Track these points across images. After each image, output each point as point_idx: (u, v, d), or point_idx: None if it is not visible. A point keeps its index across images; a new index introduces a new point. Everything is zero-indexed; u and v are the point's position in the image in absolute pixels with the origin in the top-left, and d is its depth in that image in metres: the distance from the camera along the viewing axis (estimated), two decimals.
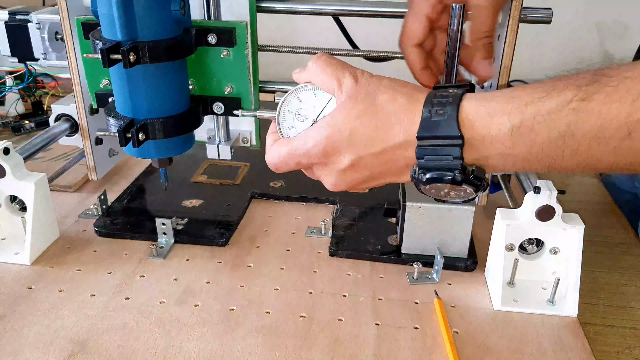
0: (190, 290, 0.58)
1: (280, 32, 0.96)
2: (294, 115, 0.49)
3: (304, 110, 0.48)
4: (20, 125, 0.98)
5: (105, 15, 0.51)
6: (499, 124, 0.39)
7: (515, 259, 0.58)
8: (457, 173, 0.41)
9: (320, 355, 0.50)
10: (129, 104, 0.55)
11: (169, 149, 0.60)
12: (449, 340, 0.51)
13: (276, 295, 0.58)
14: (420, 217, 0.61)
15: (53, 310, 0.55)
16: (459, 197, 0.43)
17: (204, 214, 0.71)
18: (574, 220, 0.56)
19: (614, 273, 0.63)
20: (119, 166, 0.84)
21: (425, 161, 0.41)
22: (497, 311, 0.56)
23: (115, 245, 0.66)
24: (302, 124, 0.49)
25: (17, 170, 0.62)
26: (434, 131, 0.40)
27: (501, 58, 0.59)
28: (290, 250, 0.66)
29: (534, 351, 0.51)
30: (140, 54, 0.51)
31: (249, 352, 0.50)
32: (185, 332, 0.53)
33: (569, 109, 0.37)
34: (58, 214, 0.69)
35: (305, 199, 0.76)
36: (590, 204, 0.78)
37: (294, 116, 0.49)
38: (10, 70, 0.97)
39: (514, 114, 0.39)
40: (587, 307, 0.57)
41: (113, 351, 0.50)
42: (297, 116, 0.49)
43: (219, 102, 0.62)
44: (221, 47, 0.59)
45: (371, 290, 0.59)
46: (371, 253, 0.64)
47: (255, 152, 0.72)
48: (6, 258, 0.62)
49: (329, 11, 0.63)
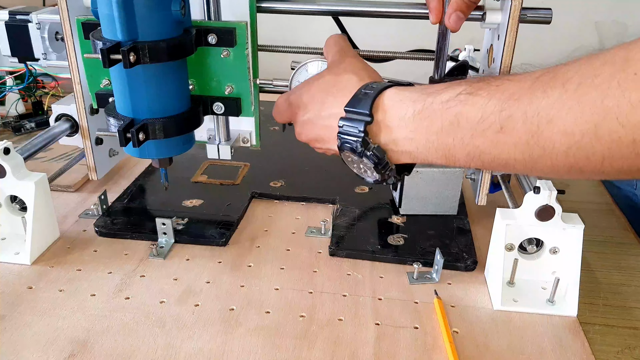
0: (191, 290, 0.58)
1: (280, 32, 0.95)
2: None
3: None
4: (20, 125, 0.98)
5: (105, 16, 0.51)
6: (405, 109, 0.45)
7: (515, 258, 0.58)
8: (358, 144, 0.46)
9: (320, 355, 0.50)
10: (129, 104, 0.55)
11: (169, 149, 0.60)
12: (448, 340, 0.51)
13: (276, 295, 0.58)
14: (418, 181, 0.68)
15: (53, 310, 0.55)
16: (368, 176, 0.49)
17: (204, 214, 0.71)
18: (574, 220, 0.56)
19: (614, 273, 0.63)
20: (119, 166, 0.84)
21: (343, 128, 0.48)
22: (497, 311, 0.56)
23: (116, 245, 0.66)
24: None
25: (17, 170, 0.62)
26: (355, 106, 0.47)
27: (501, 58, 0.59)
28: (290, 250, 0.66)
29: (534, 351, 0.51)
30: (141, 54, 0.51)
31: (249, 351, 0.50)
32: (185, 332, 0.53)
33: (457, 100, 0.42)
34: (58, 214, 0.69)
35: (305, 199, 0.76)
36: (590, 203, 0.78)
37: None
38: (10, 70, 0.97)
39: (418, 102, 0.44)
40: (587, 307, 0.57)
41: (113, 351, 0.50)
42: None
43: (219, 102, 0.62)
44: (221, 47, 0.59)
45: (371, 290, 0.59)
46: (371, 253, 0.64)
47: (255, 152, 0.72)
48: (6, 258, 0.62)
49: (329, 11, 0.63)
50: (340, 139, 0.48)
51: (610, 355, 0.51)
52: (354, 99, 0.48)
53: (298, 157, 0.87)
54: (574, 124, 0.35)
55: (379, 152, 0.47)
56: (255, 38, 0.62)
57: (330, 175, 0.81)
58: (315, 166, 0.83)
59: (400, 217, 0.71)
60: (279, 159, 0.86)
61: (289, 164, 0.85)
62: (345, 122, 0.47)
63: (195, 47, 0.57)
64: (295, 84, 0.58)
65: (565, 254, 0.57)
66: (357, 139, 0.46)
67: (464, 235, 0.67)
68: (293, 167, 0.83)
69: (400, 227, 0.69)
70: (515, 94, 0.39)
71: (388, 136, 0.46)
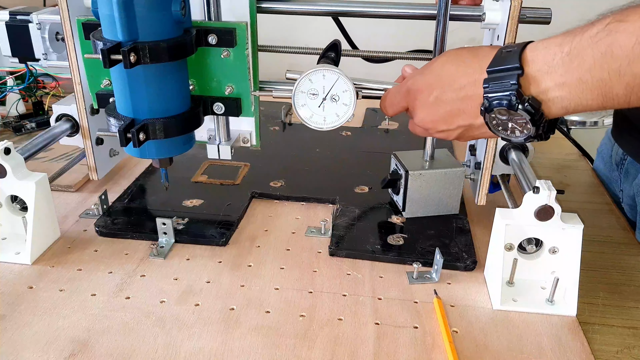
0: (191, 290, 0.59)
1: (280, 32, 0.96)
2: (306, 94, 0.58)
3: (315, 90, 0.57)
4: (21, 125, 0.98)
5: (106, 16, 0.51)
6: (553, 54, 0.44)
7: (514, 258, 0.58)
8: (512, 97, 0.45)
9: (320, 355, 0.50)
10: (129, 104, 0.55)
11: (169, 149, 0.60)
12: (448, 340, 0.51)
13: (276, 294, 0.58)
14: (421, 183, 0.69)
15: (54, 310, 0.55)
16: (522, 134, 0.48)
17: (204, 213, 0.72)
18: (573, 219, 0.56)
19: (613, 273, 0.63)
20: (120, 166, 0.84)
21: (489, 88, 0.47)
22: (497, 311, 0.56)
23: (116, 245, 0.66)
24: (313, 102, 0.58)
25: (18, 170, 0.62)
26: (500, 64, 0.47)
27: None
28: (290, 250, 0.66)
29: (533, 350, 0.51)
30: (141, 54, 0.51)
31: (249, 351, 0.51)
32: (185, 332, 0.53)
33: (606, 31, 0.41)
34: (59, 214, 0.69)
35: (305, 199, 0.76)
36: (590, 203, 0.78)
37: (306, 95, 0.58)
38: (11, 70, 0.97)
39: (565, 44, 0.44)
40: (586, 306, 0.57)
41: (113, 351, 0.50)
42: (309, 95, 0.58)
43: (219, 102, 0.62)
44: (221, 47, 0.59)
45: (371, 290, 0.59)
46: (371, 253, 0.64)
47: (255, 152, 0.72)
48: (7, 258, 0.62)
49: (329, 11, 0.63)
50: (487, 100, 0.47)
51: (610, 354, 0.52)
52: (497, 58, 0.47)
53: (298, 157, 0.87)
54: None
55: (534, 102, 0.45)
56: (255, 38, 0.62)
57: (330, 175, 0.81)
58: (315, 166, 0.84)
59: (400, 217, 0.71)
60: (279, 159, 0.86)
61: (289, 164, 0.85)
62: (491, 82, 0.47)
63: (195, 47, 0.57)
64: (299, 95, 0.58)
65: (565, 253, 0.57)
66: (510, 93, 0.46)
67: (463, 235, 0.67)
68: (293, 167, 0.83)
69: (400, 227, 0.69)
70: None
71: (537, 87, 0.45)
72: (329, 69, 0.57)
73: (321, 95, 0.58)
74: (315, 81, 0.57)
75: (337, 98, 0.57)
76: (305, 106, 0.58)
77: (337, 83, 0.57)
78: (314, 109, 0.58)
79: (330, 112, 0.58)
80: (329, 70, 0.57)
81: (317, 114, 0.58)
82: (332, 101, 0.58)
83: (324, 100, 0.58)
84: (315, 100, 0.58)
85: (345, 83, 0.57)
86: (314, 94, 0.57)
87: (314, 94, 0.57)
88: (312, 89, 0.57)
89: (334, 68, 0.57)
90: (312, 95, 0.58)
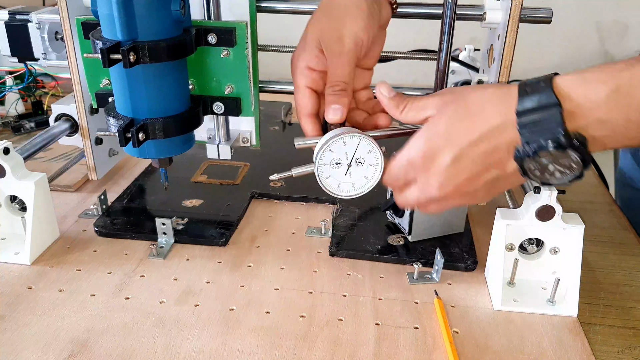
0: (190, 290, 0.58)
1: (280, 32, 0.95)
2: (329, 166, 0.53)
3: (337, 159, 0.53)
4: (20, 125, 0.98)
5: (105, 15, 0.51)
6: (596, 90, 0.40)
7: (515, 258, 0.58)
8: (560, 136, 0.41)
9: (320, 355, 0.50)
10: (129, 103, 0.55)
11: (169, 149, 0.60)
12: (449, 340, 0.51)
13: (276, 295, 0.58)
14: None
15: (53, 310, 0.55)
16: (565, 175, 0.43)
17: (204, 214, 0.71)
18: (574, 220, 0.56)
19: (614, 273, 0.63)
20: (119, 166, 0.84)
21: (528, 133, 0.42)
22: (497, 311, 0.56)
23: (115, 245, 0.66)
24: (337, 171, 0.53)
25: (17, 170, 0.62)
26: (532, 104, 0.42)
27: (501, 58, 0.59)
28: (290, 250, 0.66)
29: (534, 351, 0.51)
30: (140, 53, 0.51)
31: (249, 351, 0.50)
32: (185, 332, 0.53)
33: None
34: (58, 214, 0.69)
35: (305, 199, 0.76)
36: (590, 203, 0.78)
37: (329, 167, 0.53)
38: (10, 70, 0.97)
39: (610, 80, 0.40)
40: (587, 307, 0.57)
41: (113, 351, 0.50)
42: (333, 165, 0.53)
43: (219, 102, 0.62)
44: (221, 47, 0.59)
45: (371, 290, 0.59)
46: (371, 253, 0.64)
47: (255, 152, 0.72)
48: (6, 258, 0.62)
49: None
50: (528, 144, 0.42)
51: (611, 355, 0.51)
52: (524, 97, 0.42)
53: (298, 157, 0.87)
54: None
55: (582, 139, 0.41)
56: (255, 38, 0.62)
57: None
58: None
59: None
60: (279, 159, 0.86)
61: (289, 164, 0.84)
62: (527, 124, 0.42)
63: (195, 46, 0.57)
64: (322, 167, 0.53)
65: (566, 254, 0.57)
66: (556, 132, 0.41)
67: (464, 235, 0.67)
68: (293, 167, 0.83)
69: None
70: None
71: (575, 124, 0.41)
72: (348, 133, 0.51)
73: (345, 163, 0.53)
74: (336, 150, 0.52)
75: (362, 161, 0.53)
76: (331, 177, 0.54)
77: (359, 146, 0.52)
78: (341, 178, 0.53)
79: (358, 176, 0.53)
80: (348, 135, 0.51)
81: (345, 182, 0.54)
82: (358, 165, 0.53)
83: (349, 167, 0.53)
84: (340, 169, 0.53)
85: (368, 144, 0.52)
86: (337, 163, 0.53)
87: (337, 163, 0.53)
88: (334, 159, 0.53)
89: (352, 131, 0.52)
90: (335, 165, 0.53)
